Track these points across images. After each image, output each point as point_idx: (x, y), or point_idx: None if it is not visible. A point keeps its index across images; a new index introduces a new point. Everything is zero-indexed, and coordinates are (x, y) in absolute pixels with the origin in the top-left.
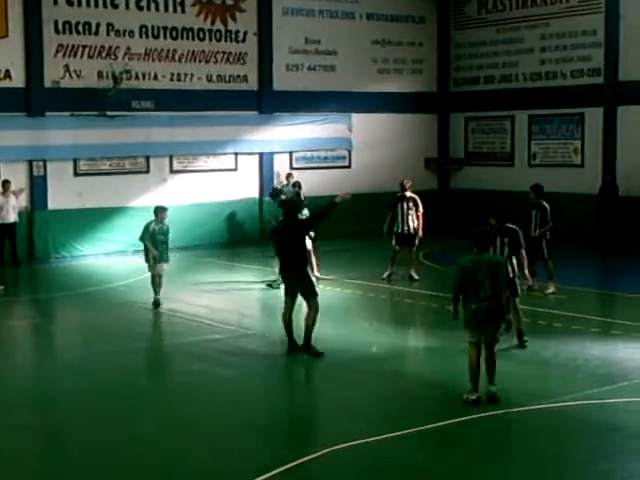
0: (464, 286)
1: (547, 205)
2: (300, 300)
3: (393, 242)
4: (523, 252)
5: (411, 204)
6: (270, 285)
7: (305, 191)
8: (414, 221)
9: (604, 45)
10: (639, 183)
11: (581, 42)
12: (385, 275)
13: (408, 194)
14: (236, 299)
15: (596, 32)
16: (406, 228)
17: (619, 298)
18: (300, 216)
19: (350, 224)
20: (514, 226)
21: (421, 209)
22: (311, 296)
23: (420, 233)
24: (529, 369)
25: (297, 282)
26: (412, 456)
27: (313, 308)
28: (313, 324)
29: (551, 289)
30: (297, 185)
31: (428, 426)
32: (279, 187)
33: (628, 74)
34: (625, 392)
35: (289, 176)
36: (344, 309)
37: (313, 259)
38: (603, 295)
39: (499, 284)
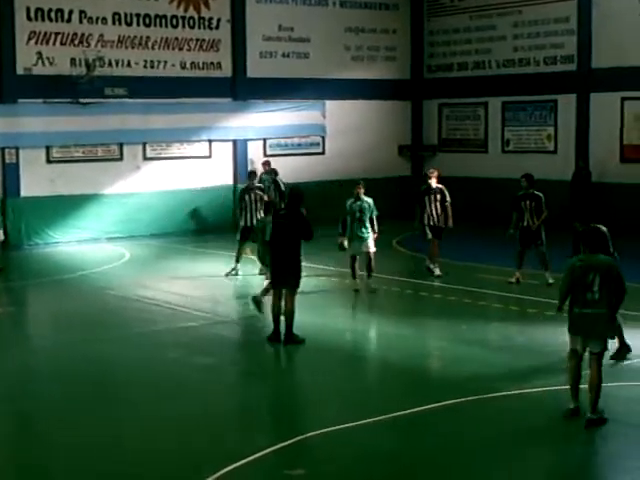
0: (572, 287)
1: (540, 194)
2: None
3: (429, 235)
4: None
5: (438, 196)
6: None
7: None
8: (441, 212)
9: (577, 32)
10: (612, 169)
11: (554, 29)
12: (436, 273)
13: (434, 185)
14: (210, 286)
15: (569, 19)
16: (435, 220)
17: None
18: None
19: (324, 210)
20: (603, 228)
21: (448, 199)
22: (290, 290)
23: (450, 223)
24: (502, 355)
25: (285, 276)
26: (385, 443)
27: (290, 302)
28: (292, 317)
29: (551, 279)
30: (274, 172)
31: (401, 413)
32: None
33: (601, 61)
34: None
35: (266, 164)
36: (321, 298)
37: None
38: None
39: (611, 288)
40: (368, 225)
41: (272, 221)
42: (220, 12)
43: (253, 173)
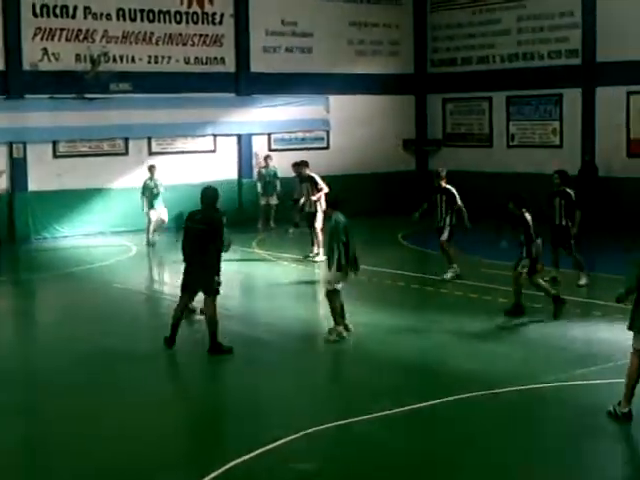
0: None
1: (572, 192)
2: (278, 290)
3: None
4: None
5: (444, 196)
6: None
7: (284, 172)
8: (446, 214)
9: (581, 26)
10: (618, 163)
11: (558, 23)
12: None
13: (442, 185)
14: None
15: (573, 13)
16: (439, 221)
17: (600, 279)
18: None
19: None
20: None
21: (458, 202)
22: (210, 294)
23: (467, 224)
24: (513, 350)
25: (198, 279)
26: (389, 439)
27: (210, 307)
28: (214, 324)
29: (583, 281)
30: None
31: (408, 407)
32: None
33: (606, 55)
34: (608, 373)
35: (267, 158)
36: (303, 290)
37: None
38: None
39: None
40: (332, 251)
41: (185, 223)
42: (223, 7)
43: None
